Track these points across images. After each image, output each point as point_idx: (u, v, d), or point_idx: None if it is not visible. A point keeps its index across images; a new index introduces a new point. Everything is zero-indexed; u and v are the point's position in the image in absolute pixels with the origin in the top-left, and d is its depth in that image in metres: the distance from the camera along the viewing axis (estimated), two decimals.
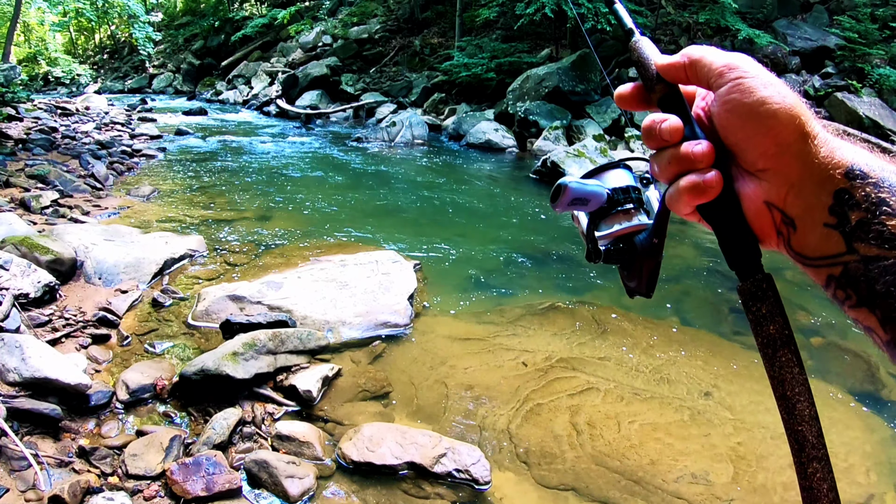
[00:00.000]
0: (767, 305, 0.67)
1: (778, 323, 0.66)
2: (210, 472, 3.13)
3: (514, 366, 4.59)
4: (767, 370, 0.66)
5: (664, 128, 0.69)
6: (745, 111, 0.65)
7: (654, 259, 0.78)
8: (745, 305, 0.69)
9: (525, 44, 21.16)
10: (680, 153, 0.69)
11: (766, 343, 0.66)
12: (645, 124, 0.71)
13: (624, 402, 4.24)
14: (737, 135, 0.67)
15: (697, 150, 0.67)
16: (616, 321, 5.55)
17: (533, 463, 3.59)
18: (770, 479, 3.63)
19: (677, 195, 0.69)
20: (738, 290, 0.70)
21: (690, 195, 0.68)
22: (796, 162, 0.65)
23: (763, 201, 0.67)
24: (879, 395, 4.77)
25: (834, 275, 0.65)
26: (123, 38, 39.88)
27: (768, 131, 0.64)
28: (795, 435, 0.65)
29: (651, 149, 0.73)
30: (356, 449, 3.42)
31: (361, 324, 4.93)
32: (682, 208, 0.71)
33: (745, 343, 5.45)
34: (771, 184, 0.66)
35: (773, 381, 0.66)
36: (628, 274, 0.81)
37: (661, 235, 0.77)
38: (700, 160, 0.67)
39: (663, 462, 3.70)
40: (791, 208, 0.66)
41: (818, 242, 0.65)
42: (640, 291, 0.80)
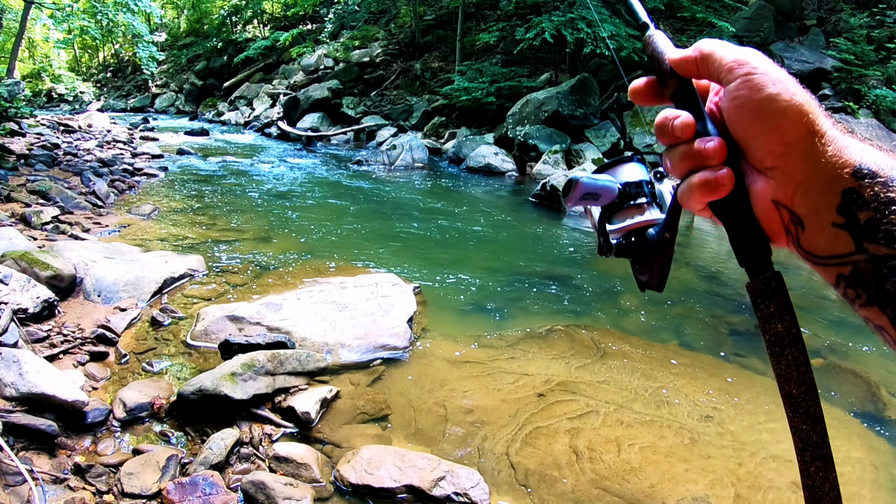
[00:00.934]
0: (776, 303, 0.67)
1: (786, 321, 0.66)
2: (206, 492, 3.11)
3: (514, 389, 4.57)
4: (774, 368, 0.67)
5: (676, 124, 0.70)
6: (752, 108, 0.65)
7: (666, 253, 0.78)
8: (754, 303, 0.68)
9: (525, 68, 21.32)
10: (692, 150, 0.69)
11: (774, 341, 0.66)
12: (658, 120, 0.72)
13: (624, 426, 4.22)
14: (745, 132, 0.67)
15: (709, 147, 0.67)
16: (615, 344, 5.53)
17: (532, 486, 3.57)
18: (771, 502, 3.61)
19: (689, 192, 0.69)
20: (747, 288, 0.70)
21: (702, 192, 0.68)
22: (803, 161, 0.64)
23: (771, 200, 0.67)
24: (882, 415, 4.76)
25: (843, 274, 0.64)
26: (127, 56, 40.18)
27: (775, 129, 0.64)
28: (799, 433, 0.66)
29: (664, 145, 0.73)
30: (354, 471, 3.40)
31: (360, 346, 4.91)
32: (693, 205, 0.71)
33: (746, 365, 5.45)
34: (778, 182, 0.66)
35: (779, 379, 0.66)
36: (640, 268, 0.81)
37: (672, 230, 0.77)
38: (712, 157, 0.67)
39: (664, 485, 3.67)
40: (799, 207, 0.66)
41: (827, 242, 0.64)
42: (651, 285, 0.80)
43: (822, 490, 0.65)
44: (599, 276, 7.90)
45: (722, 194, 0.67)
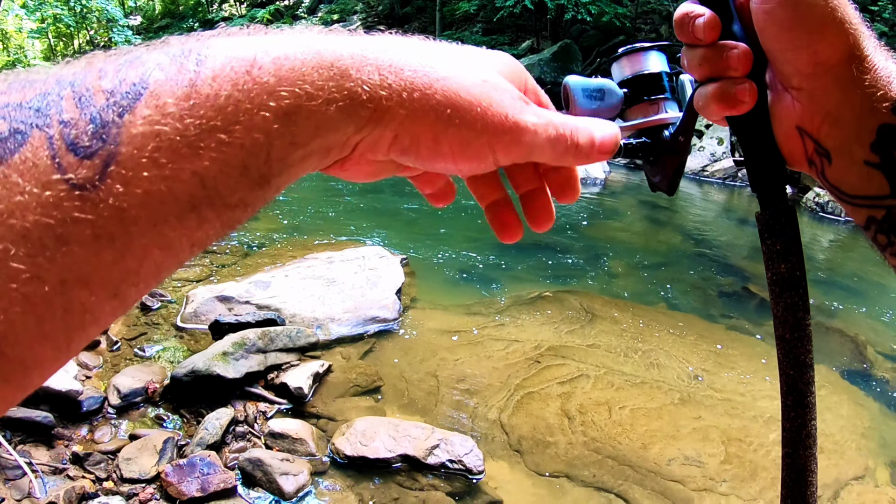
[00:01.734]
0: (783, 241, 0.62)
1: (791, 262, 0.62)
2: (205, 472, 3.14)
3: (504, 356, 4.61)
4: (772, 308, 0.64)
5: (698, 24, 0.59)
6: (784, 17, 0.55)
7: (679, 157, 0.70)
8: (761, 236, 0.63)
9: (506, 36, 21.18)
10: (713, 55, 0.59)
11: (775, 280, 0.63)
12: (678, 15, 0.61)
13: (614, 388, 4.27)
14: (773, 43, 0.57)
15: (733, 56, 0.58)
16: (604, 308, 5.58)
17: (526, 451, 3.62)
18: (762, 459, 3.67)
19: (706, 101, 0.60)
20: (756, 218, 0.64)
21: (719, 105, 0.59)
22: (835, 87, 0.56)
23: (795, 125, 0.59)
24: (869, 373, 4.83)
25: (875, 217, 0.58)
26: (102, 42, 39.55)
27: (808, 45, 0.54)
28: (786, 377, 0.64)
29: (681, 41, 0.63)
30: (349, 444, 3.44)
31: (350, 320, 4.93)
32: (709, 115, 0.62)
33: (733, 325, 5.51)
34: (805, 107, 0.58)
35: (775, 320, 0.64)
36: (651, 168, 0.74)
37: (688, 134, 0.69)
38: (735, 67, 0.58)
39: (655, 446, 3.73)
40: (827, 139, 0.58)
41: (857, 180, 0.57)
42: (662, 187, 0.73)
43: (798, 436, 0.64)
44: (587, 243, 7.93)
45: (741, 111, 0.59)
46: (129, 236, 0.34)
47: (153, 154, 0.34)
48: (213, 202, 0.37)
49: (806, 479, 0.65)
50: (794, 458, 0.65)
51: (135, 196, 0.34)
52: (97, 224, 0.33)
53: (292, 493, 3.15)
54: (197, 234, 0.37)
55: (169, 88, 0.36)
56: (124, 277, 0.35)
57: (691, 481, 3.47)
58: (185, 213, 0.36)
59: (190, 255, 0.38)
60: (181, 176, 0.35)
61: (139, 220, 0.34)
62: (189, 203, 0.36)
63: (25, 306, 0.31)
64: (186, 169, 0.35)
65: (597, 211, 9.69)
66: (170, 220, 0.35)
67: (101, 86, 0.35)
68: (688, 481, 3.47)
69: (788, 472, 0.65)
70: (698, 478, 3.50)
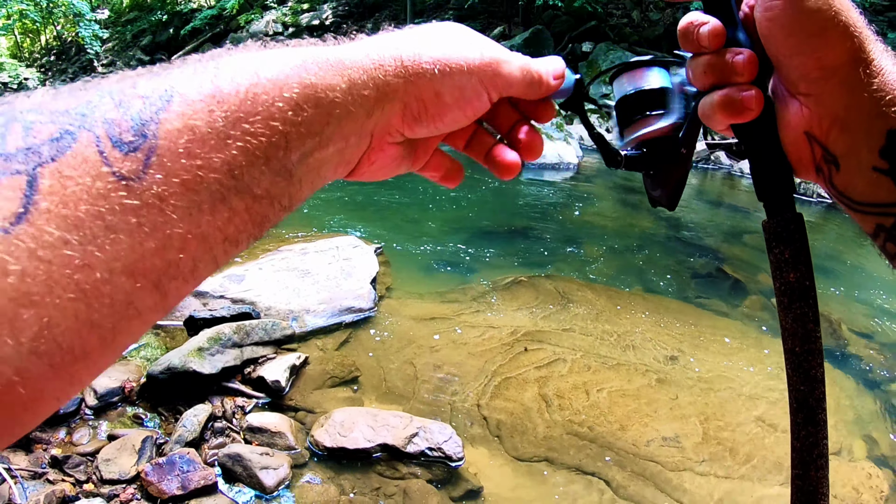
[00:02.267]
0: (792, 250, 0.60)
1: (800, 271, 0.60)
2: (184, 470, 3.12)
3: (481, 342, 4.63)
4: (781, 320, 0.62)
5: (703, 31, 0.59)
6: (788, 23, 0.55)
7: (681, 169, 0.70)
8: (769, 245, 0.62)
9: (478, 23, 21.08)
10: (719, 62, 0.59)
11: (784, 290, 0.60)
12: (682, 25, 0.62)
13: (591, 371, 4.30)
14: (779, 49, 0.57)
15: (738, 61, 0.58)
16: (579, 292, 5.61)
17: (505, 436, 3.64)
18: (738, 438, 3.73)
19: (711, 110, 0.60)
20: (763, 227, 0.63)
21: (725, 112, 0.59)
22: (843, 91, 0.55)
23: (804, 131, 0.59)
24: (844, 350, 4.90)
25: (884, 225, 0.57)
26: (70, 37, 38.89)
27: (813, 50, 0.55)
28: (796, 393, 0.61)
29: (687, 53, 0.64)
30: (328, 435, 3.43)
31: (325, 311, 4.92)
32: (715, 125, 0.62)
33: (708, 306, 5.57)
34: (813, 112, 0.58)
35: (784, 332, 0.61)
36: (652, 182, 0.73)
37: (690, 146, 0.69)
38: (740, 73, 0.58)
39: (634, 427, 3.77)
40: (835, 145, 0.57)
41: (866, 187, 0.57)
42: (662, 202, 0.73)
43: (809, 456, 0.61)
44: (561, 228, 7.96)
45: (748, 118, 0.59)
46: (169, 224, 0.38)
47: (188, 145, 0.39)
48: (242, 192, 0.42)
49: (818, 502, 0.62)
50: (805, 479, 0.62)
51: (173, 184, 0.38)
52: (141, 212, 0.36)
53: (273, 487, 3.14)
54: (229, 227, 0.42)
55: (196, 89, 0.41)
56: (165, 269, 0.38)
57: (670, 461, 3.51)
58: (217, 202, 0.40)
59: (224, 254, 0.43)
60: (213, 164, 0.40)
61: (178, 209, 0.38)
62: (220, 192, 0.40)
63: (77, 293, 0.34)
64: (217, 158, 0.40)
65: (570, 195, 9.72)
66: (203, 208, 0.39)
67: (137, 92, 0.40)
68: (666, 461, 3.51)
69: (799, 494, 0.63)
70: (677, 457, 3.54)
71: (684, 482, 3.38)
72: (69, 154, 0.35)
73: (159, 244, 0.37)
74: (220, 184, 0.40)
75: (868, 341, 5.07)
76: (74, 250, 0.34)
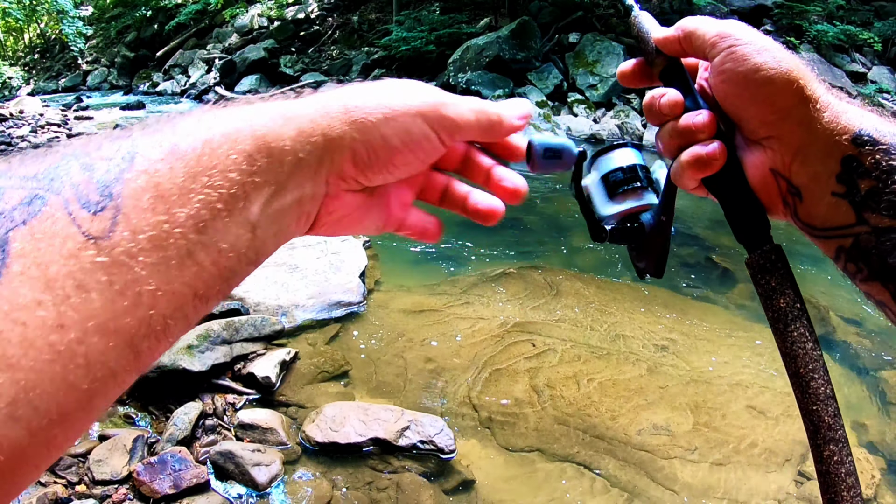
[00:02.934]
0: (777, 278, 0.63)
1: (789, 296, 0.63)
2: (176, 468, 3.11)
3: (470, 334, 4.63)
4: (779, 346, 0.63)
5: (664, 102, 0.68)
6: (739, 80, 0.63)
7: (663, 237, 0.73)
8: (754, 279, 0.65)
9: (464, 14, 21.03)
10: (681, 126, 0.66)
11: (777, 317, 0.63)
12: (645, 101, 0.70)
13: (581, 361, 4.31)
14: (735, 104, 0.65)
15: (698, 121, 0.65)
16: (568, 283, 5.62)
17: (496, 428, 3.65)
18: (728, 426, 3.74)
19: (681, 169, 0.67)
20: (746, 264, 0.67)
21: (693, 169, 0.66)
22: (798, 128, 0.62)
23: (769, 169, 0.65)
24: (831, 337, 4.94)
25: (844, 247, 0.61)
26: (54, 35, 38.53)
27: (765, 99, 0.62)
28: (810, 416, 0.61)
29: (654, 125, 0.71)
30: (320, 430, 3.43)
31: (315, 305, 4.91)
32: (686, 183, 0.68)
33: (697, 296, 5.59)
34: (776, 151, 0.64)
35: (784, 357, 0.63)
36: (637, 254, 0.77)
37: (669, 213, 0.73)
38: (701, 130, 0.65)
39: (624, 416, 3.78)
40: (797, 177, 0.63)
41: (826, 212, 0.62)
42: (649, 271, 0.77)
43: (837, 475, 0.59)
44: (549, 219, 7.97)
45: (714, 169, 0.65)
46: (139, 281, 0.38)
47: (152, 201, 0.40)
48: (208, 246, 0.43)
49: None
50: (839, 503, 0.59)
51: (140, 241, 0.39)
52: (111, 270, 0.37)
53: (265, 484, 3.14)
54: (197, 283, 0.42)
55: (156, 148, 0.43)
56: (138, 327, 0.38)
57: (661, 450, 3.53)
58: (185, 257, 0.41)
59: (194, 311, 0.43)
60: (177, 219, 0.41)
61: (146, 265, 0.39)
62: (186, 247, 0.41)
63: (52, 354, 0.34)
64: (181, 213, 0.41)
65: (557, 186, 9.73)
66: (172, 263, 0.40)
67: (101, 154, 0.41)
68: (658, 450, 3.52)
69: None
70: (668, 446, 3.56)
71: (675, 470, 3.40)
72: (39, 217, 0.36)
73: (130, 302, 0.38)
74: (185, 238, 0.41)
75: (856, 328, 5.11)
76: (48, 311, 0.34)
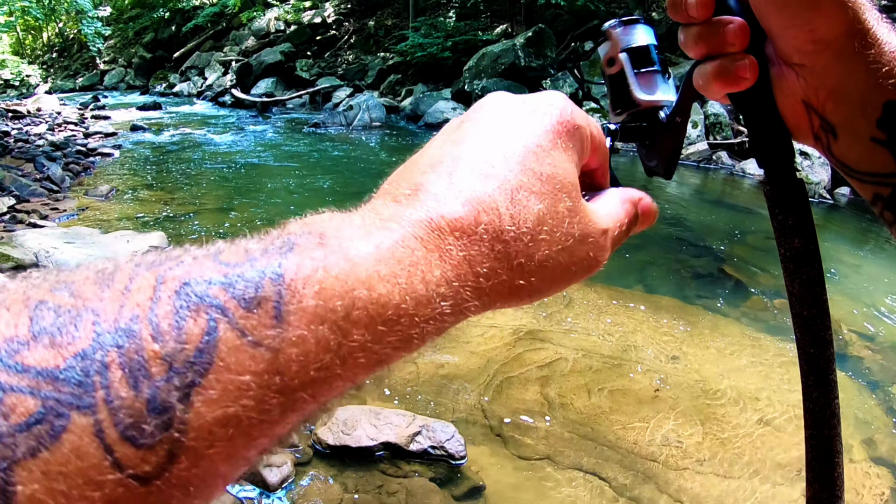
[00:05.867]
0: (795, 216, 0.60)
1: (805, 236, 0.60)
2: None
3: (483, 341, 4.64)
4: (787, 286, 0.62)
5: (691, 1, 0.57)
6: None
7: (676, 138, 0.68)
8: (772, 211, 0.62)
9: (480, 21, 21.11)
10: (709, 31, 0.57)
11: (789, 256, 0.61)
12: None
13: (592, 371, 4.32)
14: (769, 21, 0.55)
15: (729, 31, 0.56)
16: (580, 292, 5.62)
17: (507, 435, 3.65)
18: (738, 438, 3.73)
19: (706, 80, 0.59)
20: (765, 195, 0.63)
21: (720, 83, 0.58)
22: (837, 62, 0.54)
23: (801, 100, 0.58)
24: (843, 351, 4.90)
25: (881, 195, 0.56)
26: (72, 34, 38.85)
27: (806, 24, 0.53)
28: (806, 356, 0.62)
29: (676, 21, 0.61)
30: (331, 433, 3.45)
31: None
32: (710, 94, 0.60)
33: (709, 307, 5.57)
34: (808, 83, 0.56)
35: (791, 297, 0.62)
36: (647, 152, 0.72)
37: (685, 114, 0.67)
38: (731, 43, 0.57)
39: (635, 426, 3.78)
40: (832, 115, 0.56)
41: (863, 156, 0.56)
42: (659, 171, 0.72)
43: (822, 415, 0.63)
44: None
45: (742, 87, 0.58)
46: None
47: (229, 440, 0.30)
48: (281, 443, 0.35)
49: (832, 460, 0.64)
50: (818, 439, 0.64)
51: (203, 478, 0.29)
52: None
53: (276, 485, 3.16)
54: None
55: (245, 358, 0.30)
56: None
57: (671, 461, 3.52)
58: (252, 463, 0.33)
59: None
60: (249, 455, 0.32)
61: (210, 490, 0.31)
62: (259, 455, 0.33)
63: None
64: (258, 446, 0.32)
65: None
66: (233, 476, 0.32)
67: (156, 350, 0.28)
68: (668, 461, 3.52)
69: (814, 453, 0.64)
70: (678, 457, 3.55)
71: (685, 481, 3.39)
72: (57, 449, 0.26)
73: None
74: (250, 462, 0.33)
75: (868, 342, 5.08)
76: None
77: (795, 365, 0.66)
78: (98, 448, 0.26)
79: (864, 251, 7.60)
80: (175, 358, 0.28)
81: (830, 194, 9.64)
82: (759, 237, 7.66)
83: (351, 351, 0.34)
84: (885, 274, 6.63)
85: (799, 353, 0.63)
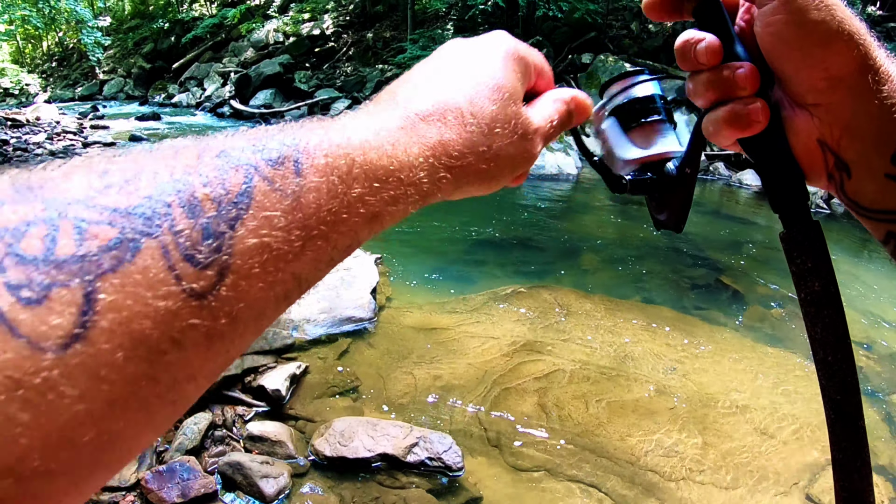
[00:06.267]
0: (814, 258, 0.59)
1: (825, 278, 0.59)
2: (184, 478, 3.12)
3: (480, 352, 4.63)
4: (809, 330, 0.60)
5: (700, 49, 0.58)
6: (791, 37, 0.54)
7: (686, 190, 0.67)
8: (789, 256, 0.60)
9: (477, 33, 21.12)
10: (719, 78, 0.58)
11: (810, 300, 0.59)
12: (678, 44, 0.60)
13: (590, 382, 4.31)
14: (783, 63, 0.56)
15: (740, 75, 0.56)
16: (578, 303, 5.62)
17: (504, 447, 3.64)
18: (736, 448, 3.72)
19: (716, 126, 0.59)
20: (780, 238, 0.62)
21: (731, 128, 0.58)
22: (851, 98, 0.54)
23: (815, 139, 0.57)
24: None
25: (894, 232, 0.56)
26: (72, 44, 38.93)
27: (819, 62, 0.53)
28: (832, 403, 0.59)
29: (685, 70, 0.61)
30: (328, 444, 3.44)
31: (326, 320, 4.93)
32: (721, 141, 0.60)
33: (706, 317, 5.57)
34: (823, 121, 0.56)
35: (813, 343, 0.59)
36: (657, 205, 0.71)
37: (694, 165, 0.67)
38: (742, 87, 0.56)
39: (633, 437, 3.77)
40: (846, 152, 0.56)
41: (877, 193, 0.56)
42: (669, 225, 0.70)
43: (853, 466, 0.60)
44: (560, 238, 7.98)
45: (755, 131, 0.57)
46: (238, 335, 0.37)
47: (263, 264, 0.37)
48: (302, 290, 0.42)
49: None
50: (849, 491, 0.61)
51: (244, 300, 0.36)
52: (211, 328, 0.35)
53: (273, 496, 3.14)
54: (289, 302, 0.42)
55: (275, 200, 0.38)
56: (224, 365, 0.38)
57: (669, 472, 3.51)
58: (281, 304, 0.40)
59: None
60: (283, 278, 0.39)
61: (248, 321, 0.37)
62: (284, 296, 0.40)
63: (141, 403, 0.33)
64: (289, 271, 0.39)
65: (569, 206, 9.76)
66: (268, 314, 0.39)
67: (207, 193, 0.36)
68: (666, 472, 3.51)
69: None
70: (676, 468, 3.55)
71: (683, 492, 3.38)
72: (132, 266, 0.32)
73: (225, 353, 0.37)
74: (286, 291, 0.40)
75: (867, 352, 5.08)
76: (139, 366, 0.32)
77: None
78: (164, 265, 0.33)
79: (861, 261, 7.61)
80: (222, 199, 0.36)
81: (827, 204, 9.68)
82: (756, 247, 7.68)
83: (353, 201, 0.43)
84: (883, 284, 6.63)
85: (824, 401, 0.60)
